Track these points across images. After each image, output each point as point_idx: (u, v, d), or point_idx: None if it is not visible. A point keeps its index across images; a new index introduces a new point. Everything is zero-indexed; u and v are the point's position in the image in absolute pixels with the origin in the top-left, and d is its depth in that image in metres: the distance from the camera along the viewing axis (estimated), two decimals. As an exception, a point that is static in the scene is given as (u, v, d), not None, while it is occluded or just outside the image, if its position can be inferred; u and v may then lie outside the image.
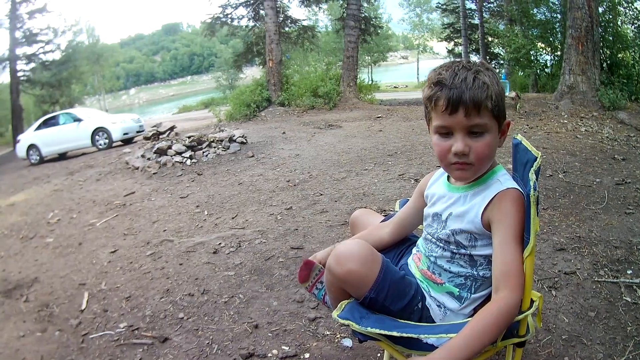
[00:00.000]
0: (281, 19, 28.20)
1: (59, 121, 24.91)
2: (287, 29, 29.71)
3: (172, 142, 14.07)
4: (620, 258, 4.93)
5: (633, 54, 19.44)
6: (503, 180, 2.29)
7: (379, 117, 19.14)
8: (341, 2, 29.56)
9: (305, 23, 32.54)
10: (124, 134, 23.91)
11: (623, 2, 20.26)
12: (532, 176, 2.06)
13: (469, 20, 39.93)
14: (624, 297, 4.19)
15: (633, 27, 20.23)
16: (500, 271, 2.16)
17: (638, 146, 11.15)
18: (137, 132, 24.68)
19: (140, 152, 14.54)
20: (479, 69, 2.20)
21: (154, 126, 17.32)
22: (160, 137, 16.19)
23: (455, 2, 42.62)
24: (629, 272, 4.65)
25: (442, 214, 2.48)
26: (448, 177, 2.56)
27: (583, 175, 8.41)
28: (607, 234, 5.54)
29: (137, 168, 13.46)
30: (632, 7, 19.97)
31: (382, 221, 3.08)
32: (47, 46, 46.45)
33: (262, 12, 27.54)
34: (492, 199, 2.24)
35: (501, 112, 2.22)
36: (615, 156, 9.86)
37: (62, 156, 24.86)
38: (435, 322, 2.41)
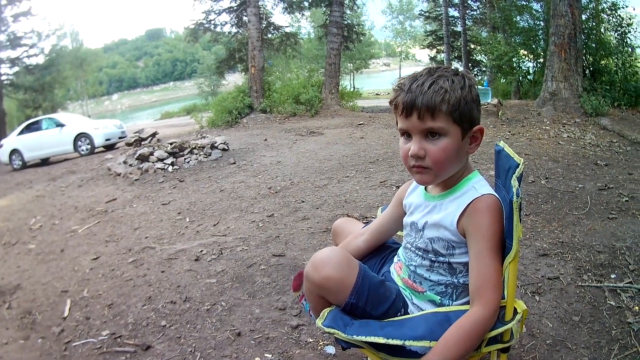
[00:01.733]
0: (264, 25, 28.22)
1: (41, 126, 24.83)
2: (269, 35, 29.69)
3: (154, 148, 14.07)
4: (604, 262, 4.96)
5: (616, 60, 19.68)
6: (478, 186, 2.32)
7: (360, 124, 19.20)
8: (324, 9, 29.69)
9: (288, 30, 32.62)
10: (106, 139, 23.91)
11: (607, 9, 20.50)
12: (514, 183, 2.08)
13: (452, 27, 40.04)
14: (608, 301, 4.23)
15: (616, 34, 20.40)
16: (475, 285, 2.21)
17: (620, 152, 11.29)
18: (120, 137, 24.67)
19: (122, 159, 14.53)
20: (443, 74, 2.24)
21: (136, 132, 17.32)
22: (142, 143, 16.19)
23: (438, 9, 42.74)
24: (613, 276, 4.69)
25: (419, 222, 2.50)
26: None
27: (565, 181, 8.47)
28: (590, 239, 5.58)
29: (119, 174, 13.44)
30: (616, 14, 20.19)
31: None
32: (31, 50, 46.39)
33: (245, 18, 27.57)
34: (467, 207, 2.26)
35: (465, 118, 2.24)
36: (598, 162, 9.97)
37: (45, 162, 24.82)
38: (419, 329, 2.32)
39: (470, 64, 38.38)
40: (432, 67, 2.32)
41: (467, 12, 39.36)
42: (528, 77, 26.03)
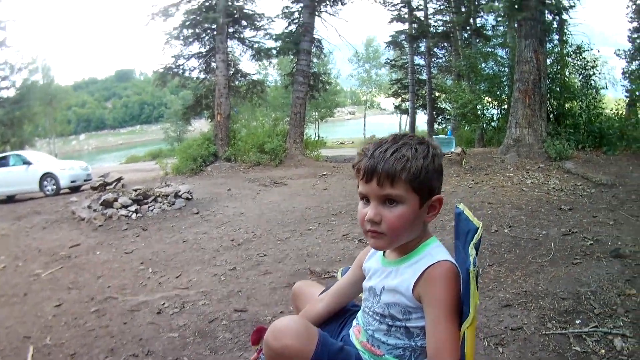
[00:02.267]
0: (232, 72, 28.58)
1: (9, 162, 24.57)
2: (236, 82, 29.88)
3: (118, 194, 14.16)
4: (568, 309, 5.00)
5: (580, 103, 20.17)
6: (435, 252, 2.32)
7: (324, 174, 19.47)
8: (292, 57, 30.07)
9: (255, 77, 32.85)
10: (72, 181, 23.86)
11: (572, 52, 20.99)
12: (471, 251, 2.12)
13: (417, 75, 40.43)
14: (573, 347, 4.26)
15: (580, 77, 20.94)
16: (432, 351, 2.21)
17: (585, 195, 11.44)
18: (85, 180, 24.56)
19: (86, 203, 14.56)
20: (407, 142, 2.29)
21: (101, 176, 17.37)
22: (107, 187, 16.25)
23: (404, 57, 43.27)
24: (578, 322, 4.74)
25: (376, 287, 2.52)
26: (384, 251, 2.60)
27: (529, 228, 8.54)
28: (554, 286, 5.62)
29: (83, 219, 13.46)
30: (580, 57, 20.68)
31: (321, 293, 3.13)
32: (2, 82, 46.14)
33: (213, 64, 27.83)
34: (422, 273, 2.27)
35: (424, 187, 2.26)
36: (562, 207, 10.11)
37: (11, 198, 24.54)
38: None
39: (434, 112, 38.74)
40: (398, 134, 2.39)
41: (433, 60, 39.83)
42: (492, 123, 26.26)
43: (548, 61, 19.95)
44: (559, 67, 21.14)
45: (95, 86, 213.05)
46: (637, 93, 22.84)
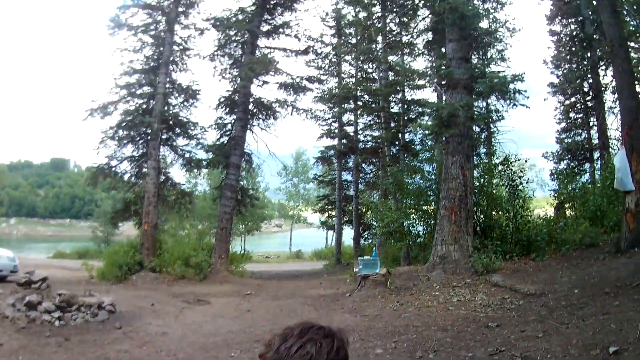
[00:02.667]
0: (162, 179, 28.90)
1: None
2: (166, 191, 29.79)
3: (42, 297, 14.22)
4: None
5: (507, 213, 20.70)
6: None
7: (248, 293, 19.67)
8: (221, 169, 30.81)
9: (184, 187, 33.13)
10: (-2, 270, 23.25)
11: (498, 164, 21.72)
12: None
13: (344, 191, 41.08)
14: None
15: (507, 187, 21.54)
16: None
17: (512, 308, 11.64)
18: (11, 271, 23.64)
19: (11, 300, 14.44)
20: (312, 337, 2.30)
21: (27, 272, 17.22)
22: (32, 285, 16.18)
23: (333, 173, 44.00)
24: None
25: None
26: None
27: (455, 351, 8.78)
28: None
29: (7, 317, 13.34)
30: (508, 169, 21.39)
31: None
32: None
33: (145, 169, 28.16)
34: None
35: None
36: (489, 324, 10.34)
37: None
38: None
39: (361, 228, 39.06)
40: (305, 325, 2.40)
41: (361, 175, 40.56)
42: (418, 239, 26.24)
43: (475, 173, 20.71)
44: (485, 180, 21.79)
45: (30, 170, 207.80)
46: (565, 192, 23.45)
